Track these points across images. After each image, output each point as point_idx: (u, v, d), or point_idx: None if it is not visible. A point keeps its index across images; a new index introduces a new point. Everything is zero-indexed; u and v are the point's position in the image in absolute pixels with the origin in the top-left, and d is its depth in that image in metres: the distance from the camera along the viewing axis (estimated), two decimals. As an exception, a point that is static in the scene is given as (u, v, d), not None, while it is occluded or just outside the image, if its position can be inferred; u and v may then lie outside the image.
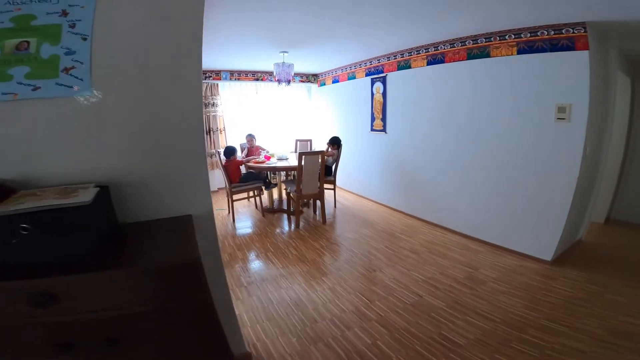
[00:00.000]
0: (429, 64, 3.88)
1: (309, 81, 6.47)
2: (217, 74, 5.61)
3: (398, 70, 4.35)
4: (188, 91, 1.43)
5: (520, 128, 3.05)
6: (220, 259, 1.67)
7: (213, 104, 5.56)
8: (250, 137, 5.10)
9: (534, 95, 2.92)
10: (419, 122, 4.14)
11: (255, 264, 3.24)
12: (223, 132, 5.77)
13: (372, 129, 4.96)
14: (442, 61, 3.71)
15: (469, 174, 3.61)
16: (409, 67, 4.15)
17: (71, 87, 1.19)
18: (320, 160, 3.90)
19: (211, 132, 5.61)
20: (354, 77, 5.31)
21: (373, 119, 4.92)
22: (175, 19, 1.34)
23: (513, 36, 2.99)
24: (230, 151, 4.29)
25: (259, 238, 3.85)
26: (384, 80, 4.59)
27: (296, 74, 6.28)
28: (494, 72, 3.20)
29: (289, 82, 4.33)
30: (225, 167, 4.27)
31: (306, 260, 3.24)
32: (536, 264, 3.03)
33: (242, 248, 3.59)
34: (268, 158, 4.69)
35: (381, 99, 4.67)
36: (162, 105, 1.38)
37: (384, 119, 4.69)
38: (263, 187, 4.63)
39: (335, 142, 4.70)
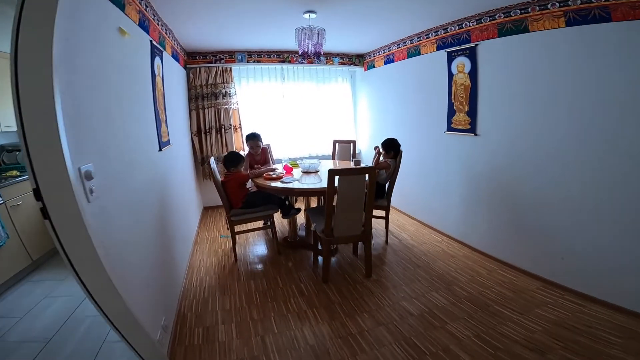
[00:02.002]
0: (568, 24, 2.16)
1: (352, 64, 4.92)
2: (231, 56, 4.27)
3: (499, 36, 2.65)
4: None
5: None
6: None
7: (224, 94, 4.24)
8: (255, 140, 3.49)
9: None
10: (544, 119, 2.42)
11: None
12: (239, 130, 4.44)
13: (450, 129, 3.28)
14: (606, 18, 1.99)
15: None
16: (523, 29, 2.45)
17: None
18: (368, 182, 2.39)
19: (222, 129, 4.29)
20: (418, 53, 3.66)
21: (451, 112, 3.24)
22: None
23: None
24: (233, 159, 2.91)
25: (261, 300, 2.43)
26: (471, 54, 2.91)
27: (334, 55, 4.76)
28: None
29: (318, 55, 2.82)
30: (224, 184, 2.90)
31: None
32: None
33: (229, 316, 2.22)
34: (289, 170, 3.24)
35: (467, 82, 2.99)
36: None
37: (472, 113, 3.00)
38: (280, 214, 3.22)
39: (391, 148, 3.13)
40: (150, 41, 2.32)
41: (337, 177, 2.25)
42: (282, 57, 4.48)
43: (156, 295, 1.88)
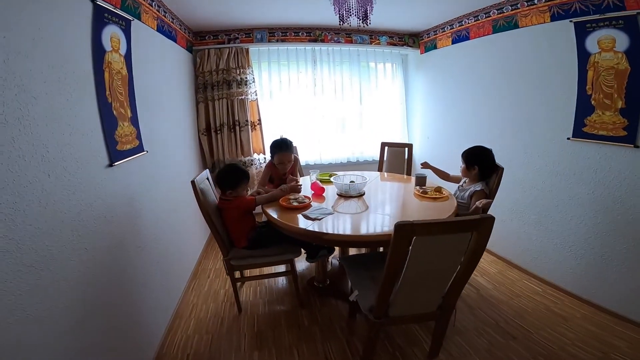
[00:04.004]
0: None
1: (404, 44, 3.80)
2: (248, 34, 3.32)
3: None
4: None
5: None
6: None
7: (240, 82, 3.31)
8: (285, 152, 2.35)
9: None
10: None
11: None
12: (258, 127, 3.50)
13: (581, 134, 2.06)
14: None
15: None
16: None
17: None
18: (472, 245, 1.29)
19: (236, 127, 3.38)
20: (513, 26, 2.48)
21: (585, 109, 2.01)
22: None
23: None
24: (230, 177, 1.95)
25: None
26: (629, 25, 1.74)
27: (381, 32, 3.68)
28: None
29: (364, 16, 1.77)
30: (220, 211, 1.96)
31: None
32: None
33: None
34: (319, 192, 2.24)
35: (622, 65, 1.77)
36: None
37: (630, 112, 1.78)
38: (305, 256, 2.24)
39: (478, 161, 2.06)
40: (95, 2, 1.42)
41: (415, 240, 1.20)
42: (313, 34, 3.47)
43: None
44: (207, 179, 2.03)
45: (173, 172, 2.39)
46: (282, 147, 2.35)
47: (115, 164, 1.52)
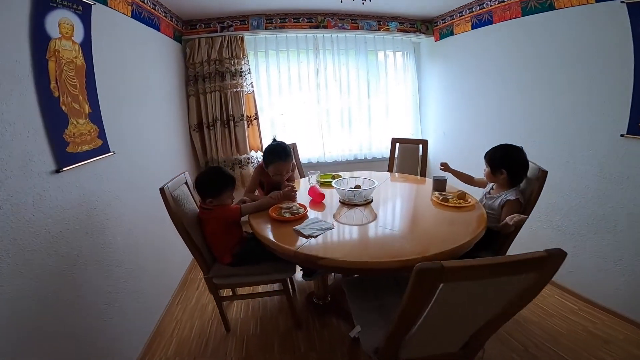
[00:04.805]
0: None
1: (415, 31, 3.44)
2: (243, 21, 3.02)
3: None
4: None
5: None
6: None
7: (234, 73, 3.01)
8: (284, 161, 1.94)
9: None
10: None
11: None
12: (255, 122, 3.21)
13: (638, 130, 1.71)
14: None
15: None
16: None
17: None
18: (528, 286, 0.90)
19: (230, 122, 3.09)
20: (548, 7, 2.11)
21: None
22: None
23: None
24: (211, 182, 1.65)
25: None
26: None
27: (391, 18, 3.33)
28: None
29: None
30: (200, 221, 1.68)
31: None
32: None
33: None
34: (318, 198, 1.94)
35: None
36: None
37: None
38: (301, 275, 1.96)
39: (505, 164, 1.73)
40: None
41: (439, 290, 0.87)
42: (315, 20, 3.14)
43: None
44: (186, 183, 1.74)
45: (155, 173, 2.12)
46: (282, 155, 1.92)
47: (65, 169, 1.25)
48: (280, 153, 1.92)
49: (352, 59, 3.41)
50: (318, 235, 1.43)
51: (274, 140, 2.07)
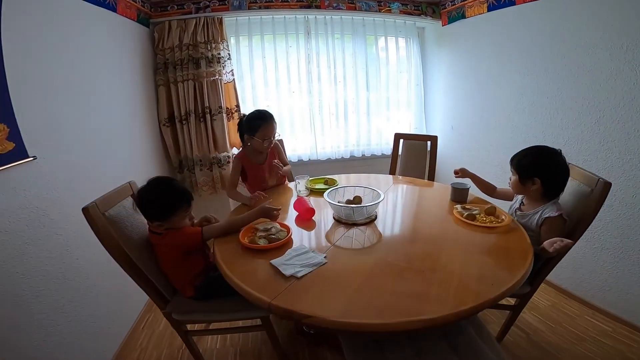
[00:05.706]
0: None
1: (420, 14, 3.02)
2: (222, 1, 2.58)
3: None
4: None
5: None
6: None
7: (210, 59, 2.58)
8: (271, 120, 1.87)
9: None
10: None
11: None
12: (235, 114, 2.79)
13: None
14: None
15: None
16: None
17: None
18: None
19: (206, 115, 2.66)
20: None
21: None
22: None
23: None
24: (156, 201, 1.23)
25: None
26: None
27: (393, -2, 2.91)
28: None
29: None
30: (153, 247, 1.29)
31: None
32: None
33: None
34: (306, 215, 1.55)
35: None
36: None
37: None
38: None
39: (552, 175, 1.35)
40: None
41: None
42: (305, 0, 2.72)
43: None
44: (133, 195, 1.35)
45: (105, 179, 1.71)
46: (266, 115, 1.87)
47: None
48: (262, 114, 1.89)
49: (349, 45, 2.99)
50: (303, 276, 1.04)
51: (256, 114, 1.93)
